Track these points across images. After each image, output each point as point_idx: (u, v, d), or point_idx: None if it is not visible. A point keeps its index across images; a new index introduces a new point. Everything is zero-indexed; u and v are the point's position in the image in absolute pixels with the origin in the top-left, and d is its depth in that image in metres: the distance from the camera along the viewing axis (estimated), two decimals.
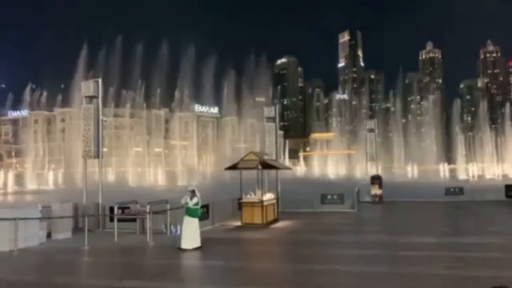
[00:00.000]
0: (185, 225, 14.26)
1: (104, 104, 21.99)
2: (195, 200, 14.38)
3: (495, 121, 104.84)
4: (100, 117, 20.50)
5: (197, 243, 14.15)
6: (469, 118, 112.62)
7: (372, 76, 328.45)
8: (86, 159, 20.58)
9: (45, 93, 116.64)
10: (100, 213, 19.20)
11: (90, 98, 20.55)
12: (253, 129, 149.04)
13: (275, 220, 21.61)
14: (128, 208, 18.44)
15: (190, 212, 14.33)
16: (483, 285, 9.63)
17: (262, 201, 20.23)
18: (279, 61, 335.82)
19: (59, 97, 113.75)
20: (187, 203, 14.39)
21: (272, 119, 28.70)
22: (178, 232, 17.43)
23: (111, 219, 18.32)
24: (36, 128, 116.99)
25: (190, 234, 14.07)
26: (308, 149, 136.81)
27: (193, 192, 14.48)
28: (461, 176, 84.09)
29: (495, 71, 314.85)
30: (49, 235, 16.82)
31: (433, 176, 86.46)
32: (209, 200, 20.06)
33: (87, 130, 20.27)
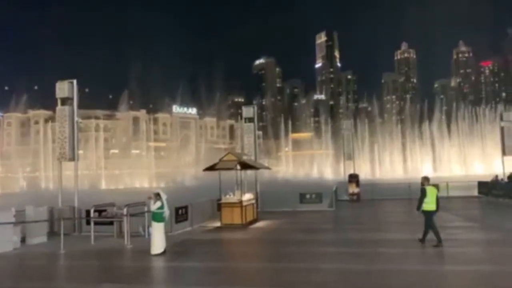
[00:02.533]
0: (152, 230, 13.94)
1: (80, 106, 21.54)
2: (158, 204, 13.83)
3: (467, 119, 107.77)
4: (75, 118, 20.13)
5: (162, 247, 13.65)
6: (443, 117, 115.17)
7: (349, 77, 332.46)
8: (61, 161, 20.16)
9: (20, 95, 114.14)
10: (76, 216, 18.86)
11: (65, 100, 20.16)
12: (232, 129, 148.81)
13: (255, 220, 21.64)
14: (105, 211, 18.17)
15: (154, 217, 13.91)
16: (459, 281, 9.89)
17: (241, 202, 20.24)
18: (257, 62, 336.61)
19: (34, 99, 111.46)
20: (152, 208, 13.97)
21: (251, 120, 28.74)
22: None
23: (88, 222, 18.02)
24: (9, 130, 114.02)
25: (154, 239, 13.66)
26: (286, 149, 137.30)
27: (157, 195, 13.97)
28: (436, 173, 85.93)
29: (467, 71, 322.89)
30: (23, 240, 16.43)
31: (409, 174, 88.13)
32: (187, 202, 19.97)
33: (62, 132, 19.87)
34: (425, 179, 14.84)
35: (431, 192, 14.30)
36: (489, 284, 9.45)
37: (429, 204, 14.25)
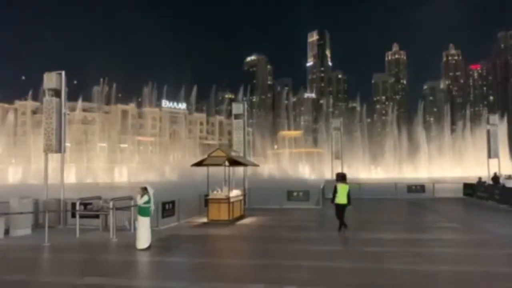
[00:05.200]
0: (137, 224, 13.91)
1: (68, 98, 21.33)
2: (145, 198, 13.81)
3: (455, 122, 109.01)
4: (63, 110, 19.91)
5: (147, 242, 13.64)
6: (432, 119, 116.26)
7: (339, 76, 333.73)
8: (47, 153, 19.94)
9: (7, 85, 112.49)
10: (61, 209, 18.69)
11: (53, 91, 19.91)
12: (222, 126, 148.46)
13: (242, 217, 21.67)
14: (90, 204, 18.05)
15: (140, 211, 13.90)
16: (441, 280, 10.02)
17: (228, 198, 20.25)
18: (248, 58, 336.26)
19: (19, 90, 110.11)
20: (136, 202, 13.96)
21: (240, 116, 28.74)
22: None
23: (73, 215, 17.89)
24: None
25: (140, 233, 13.64)
26: (276, 146, 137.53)
27: (144, 189, 13.95)
28: (422, 174, 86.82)
29: (457, 73, 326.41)
30: (7, 232, 16.25)
31: (396, 174, 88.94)
32: (175, 197, 19.91)
33: (49, 123, 19.64)
34: (339, 177, 17.31)
35: (341, 189, 16.58)
36: (469, 284, 9.61)
37: (340, 198, 16.50)
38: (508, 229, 17.72)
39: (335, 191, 16.67)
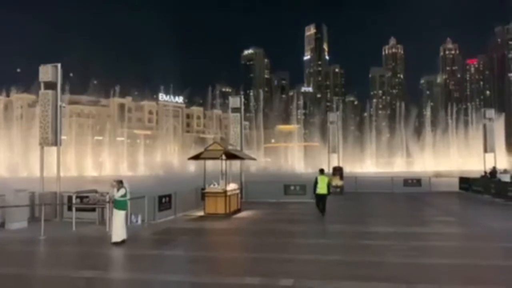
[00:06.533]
0: (113, 218, 13.71)
1: (64, 91, 21.22)
2: (122, 191, 13.66)
3: (451, 116, 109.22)
4: (59, 103, 19.79)
5: (122, 236, 13.48)
6: (429, 113, 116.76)
7: (337, 70, 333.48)
8: (43, 146, 19.86)
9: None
10: (58, 202, 18.64)
11: (48, 84, 19.78)
12: (219, 119, 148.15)
13: (238, 210, 21.70)
14: (87, 197, 18.01)
15: (117, 204, 13.68)
16: (437, 273, 10.07)
17: (225, 191, 20.26)
18: (245, 52, 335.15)
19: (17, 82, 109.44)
20: (113, 195, 13.76)
21: (237, 110, 28.69)
22: (139, 222, 17.23)
23: (70, 209, 17.86)
24: None
25: (117, 227, 13.47)
26: (273, 140, 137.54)
27: (120, 182, 13.82)
28: (418, 168, 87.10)
29: (454, 68, 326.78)
30: (2, 225, 16.22)
31: (393, 168, 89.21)
32: (172, 190, 19.89)
33: (45, 116, 19.54)
34: (320, 171, 20.13)
35: (322, 180, 19.45)
36: (465, 277, 9.66)
37: (321, 189, 19.40)
38: (503, 222, 17.82)
39: (316, 183, 19.42)
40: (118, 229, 13.46)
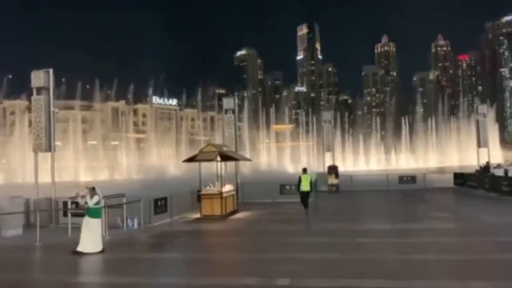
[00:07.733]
0: (84, 226, 12.91)
1: (57, 96, 21.14)
2: (95, 198, 13.06)
3: (444, 112, 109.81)
4: (51, 108, 19.71)
5: (99, 246, 12.84)
6: (422, 110, 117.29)
7: (330, 69, 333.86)
8: (37, 152, 19.77)
9: None
10: (53, 208, 18.56)
11: (41, 89, 19.69)
12: (213, 121, 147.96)
13: (235, 211, 21.71)
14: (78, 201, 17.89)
15: (91, 213, 12.97)
16: (433, 268, 10.14)
17: (221, 193, 20.25)
18: (238, 53, 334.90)
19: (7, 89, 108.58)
20: (86, 203, 13.08)
21: (232, 111, 28.69)
22: (135, 226, 17.20)
23: (65, 214, 17.77)
24: None
25: (90, 236, 12.81)
26: (267, 140, 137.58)
27: (93, 189, 13.21)
28: (413, 165, 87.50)
29: (446, 64, 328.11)
30: None
31: (388, 165, 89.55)
32: (167, 193, 19.86)
33: (38, 122, 19.46)
34: (303, 170, 20.94)
35: (304, 179, 20.15)
36: (460, 272, 9.74)
37: (304, 186, 20.03)
38: (497, 216, 17.96)
39: (299, 181, 20.11)
40: (90, 238, 12.76)
